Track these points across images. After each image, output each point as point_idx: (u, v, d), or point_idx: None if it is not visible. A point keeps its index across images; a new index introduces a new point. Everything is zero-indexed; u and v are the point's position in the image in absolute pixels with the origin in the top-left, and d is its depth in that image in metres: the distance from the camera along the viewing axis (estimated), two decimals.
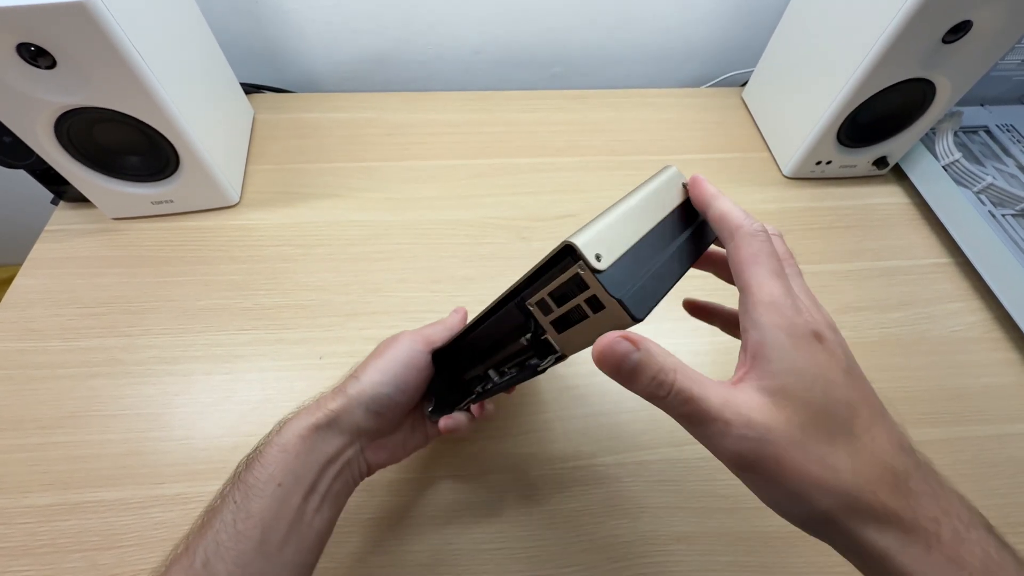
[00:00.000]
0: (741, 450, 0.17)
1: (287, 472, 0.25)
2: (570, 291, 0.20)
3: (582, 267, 0.19)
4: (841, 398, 0.18)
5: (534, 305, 0.22)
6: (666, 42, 0.68)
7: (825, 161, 0.56)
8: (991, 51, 0.46)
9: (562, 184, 0.57)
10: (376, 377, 0.29)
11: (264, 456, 0.26)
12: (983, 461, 0.41)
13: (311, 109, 0.62)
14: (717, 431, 0.17)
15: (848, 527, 0.17)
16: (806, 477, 0.17)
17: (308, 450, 0.26)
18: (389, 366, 0.29)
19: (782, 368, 0.18)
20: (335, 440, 0.27)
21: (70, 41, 0.35)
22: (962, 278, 0.51)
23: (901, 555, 0.17)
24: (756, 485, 0.18)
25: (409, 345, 0.30)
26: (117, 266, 0.47)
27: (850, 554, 0.18)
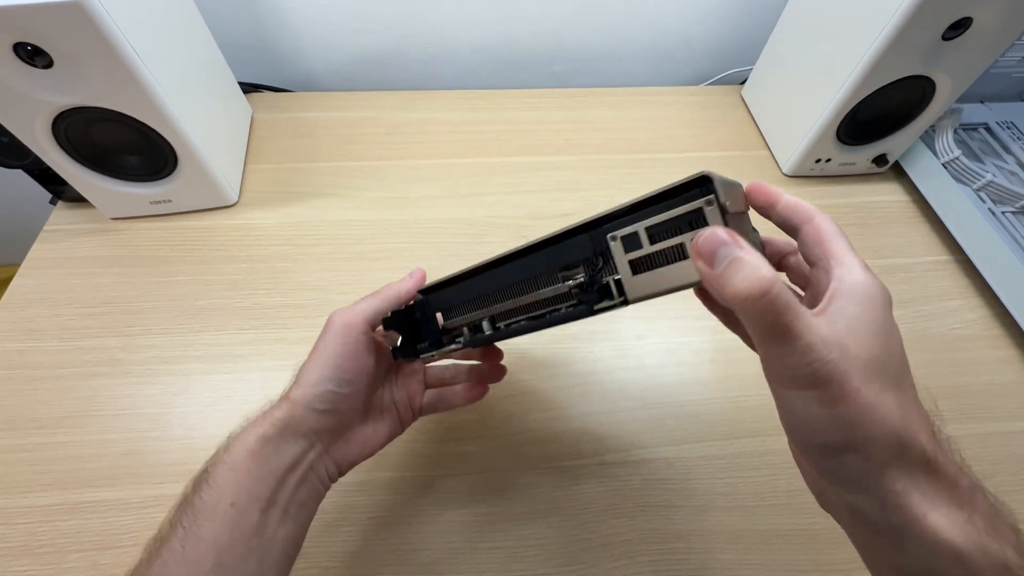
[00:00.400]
0: (817, 370, 0.17)
1: (239, 490, 0.24)
2: (678, 228, 0.18)
3: (711, 202, 0.17)
4: (896, 354, 0.19)
5: (618, 239, 0.19)
6: (665, 40, 0.68)
7: (824, 159, 0.56)
8: (991, 48, 0.45)
9: (561, 183, 0.57)
10: (314, 376, 0.27)
11: (213, 476, 0.24)
12: (984, 459, 0.41)
13: (310, 108, 0.61)
14: (800, 347, 0.17)
15: (884, 461, 0.18)
16: (866, 405, 0.18)
17: (261, 463, 0.25)
18: (324, 361, 0.27)
19: (858, 312, 0.19)
20: (290, 448, 0.26)
21: (67, 40, 0.35)
22: (962, 276, 0.51)
23: (922, 495, 0.18)
24: (813, 404, 0.18)
25: (341, 334, 0.28)
26: (116, 266, 0.47)
27: (867, 495, 0.19)
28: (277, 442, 0.25)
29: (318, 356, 0.27)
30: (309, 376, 0.27)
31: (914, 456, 0.18)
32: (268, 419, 0.26)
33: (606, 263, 0.20)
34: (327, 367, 0.27)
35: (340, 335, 0.28)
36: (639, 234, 0.19)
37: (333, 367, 0.27)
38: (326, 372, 0.27)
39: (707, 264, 0.18)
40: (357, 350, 0.28)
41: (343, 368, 0.27)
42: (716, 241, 0.17)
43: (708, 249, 0.17)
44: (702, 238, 0.18)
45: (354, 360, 0.28)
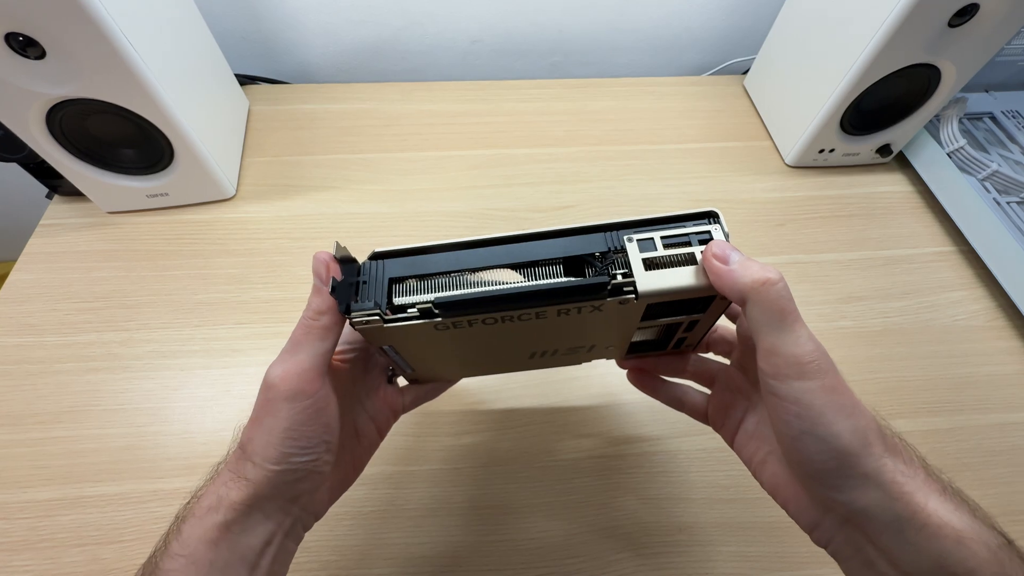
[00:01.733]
0: (817, 358, 0.19)
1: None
2: (687, 242, 0.21)
3: (717, 230, 0.21)
4: None
5: (635, 240, 0.21)
6: (667, 30, 0.67)
7: (828, 149, 0.55)
8: (997, 35, 0.45)
9: (562, 174, 0.56)
10: (269, 453, 0.21)
11: (165, 574, 0.20)
12: (986, 450, 0.41)
13: (307, 100, 0.61)
14: (800, 335, 0.20)
15: (875, 448, 0.19)
16: (852, 398, 0.20)
17: (227, 551, 0.21)
18: (279, 436, 0.21)
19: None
20: (262, 527, 0.22)
21: (59, 30, 0.35)
22: (966, 266, 0.51)
23: (911, 482, 0.19)
24: (808, 393, 0.20)
25: (289, 402, 0.21)
26: (113, 260, 0.47)
27: (862, 487, 0.20)
28: (243, 524, 0.21)
29: (269, 431, 0.21)
30: (264, 453, 0.21)
31: (888, 441, 0.20)
32: (225, 503, 0.21)
33: (618, 259, 0.21)
34: (283, 443, 0.21)
35: (289, 406, 0.21)
36: (655, 240, 0.21)
37: (291, 439, 0.21)
38: (284, 449, 0.21)
39: (721, 262, 0.20)
40: (317, 412, 0.22)
41: (304, 437, 0.22)
42: (728, 247, 0.20)
43: (722, 253, 0.20)
44: (716, 245, 0.20)
45: (314, 424, 0.22)
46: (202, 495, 0.22)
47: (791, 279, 0.54)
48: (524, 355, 0.27)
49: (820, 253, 0.51)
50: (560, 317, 0.22)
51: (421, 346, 0.24)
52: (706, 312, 0.24)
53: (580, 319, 0.22)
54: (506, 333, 0.23)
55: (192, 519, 0.21)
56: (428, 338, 0.23)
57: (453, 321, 0.21)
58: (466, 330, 0.22)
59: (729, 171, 0.57)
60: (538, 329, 0.23)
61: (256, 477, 0.21)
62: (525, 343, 0.25)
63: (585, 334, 0.25)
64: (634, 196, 0.55)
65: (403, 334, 0.22)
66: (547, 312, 0.21)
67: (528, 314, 0.21)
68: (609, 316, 0.22)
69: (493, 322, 0.21)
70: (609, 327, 0.24)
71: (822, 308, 0.47)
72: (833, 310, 0.47)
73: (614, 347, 0.28)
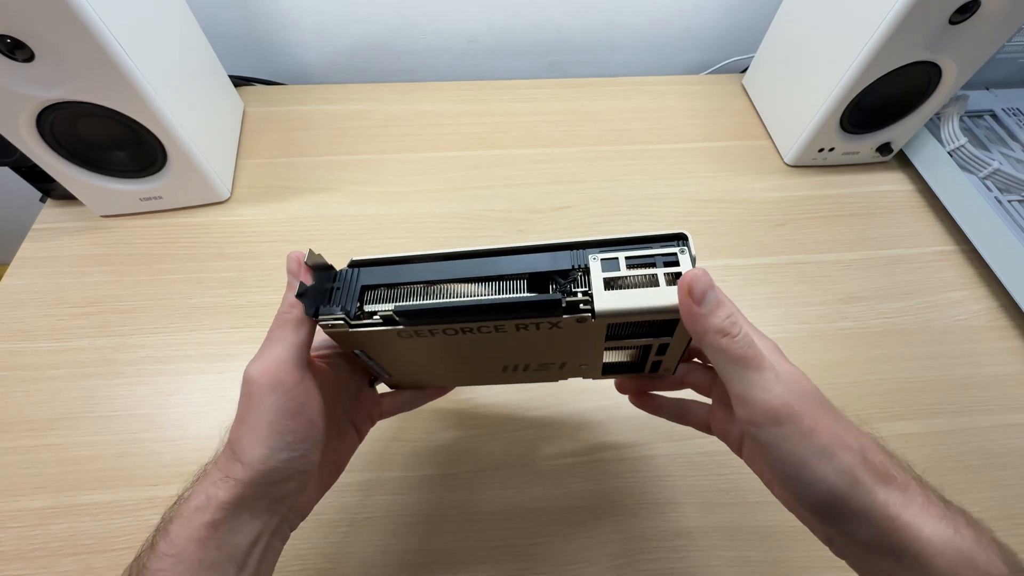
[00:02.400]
0: (787, 400, 0.19)
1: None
2: (652, 264, 0.21)
3: (684, 251, 0.21)
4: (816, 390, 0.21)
5: (599, 259, 0.21)
6: (664, 28, 0.66)
7: (828, 148, 0.55)
8: (999, 32, 0.44)
9: (559, 175, 0.56)
10: (258, 451, 0.21)
11: (153, 573, 0.20)
12: (988, 451, 0.40)
13: (302, 101, 0.60)
14: (767, 379, 0.20)
15: (864, 485, 0.19)
16: (833, 435, 0.19)
17: (215, 550, 0.21)
18: (264, 432, 0.21)
19: (787, 364, 0.21)
20: (249, 526, 0.22)
21: (48, 32, 0.34)
22: (967, 266, 0.50)
23: (906, 511, 0.19)
24: (788, 440, 0.20)
25: (270, 395, 0.22)
26: (107, 264, 0.47)
27: (854, 521, 0.20)
28: (231, 523, 0.21)
29: (254, 427, 0.22)
30: (253, 452, 0.21)
31: (879, 471, 0.20)
32: (213, 503, 0.21)
33: (581, 277, 0.22)
34: (270, 438, 0.21)
35: (271, 398, 0.21)
36: (619, 260, 0.21)
37: (278, 434, 0.22)
38: (272, 443, 0.21)
39: (696, 302, 0.19)
40: (300, 405, 0.22)
41: (290, 431, 0.22)
42: (706, 282, 0.19)
43: (699, 289, 0.19)
44: (692, 276, 0.19)
45: (298, 417, 0.22)
46: (190, 495, 0.22)
47: (791, 279, 0.54)
48: (496, 368, 0.27)
49: (820, 253, 0.51)
50: (520, 332, 0.22)
51: (394, 352, 0.25)
52: (674, 336, 0.23)
53: (543, 335, 0.22)
54: (473, 344, 0.23)
55: (180, 519, 0.21)
56: (398, 345, 0.23)
57: (415, 329, 0.22)
58: (430, 340, 0.22)
59: (728, 171, 0.57)
60: (502, 343, 0.23)
61: (244, 476, 0.21)
62: (494, 356, 0.25)
63: (553, 351, 0.25)
64: (632, 196, 0.54)
65: (371, 339, 0.23)
66: (505, 326, 0.22)
67: (487, 327, 0.21)
68: (572, 334, 0.22)
69: (454, 333, 0.22)
70: (576, 345, 0.24)
71: (822, 309, 0.47)
72: (833, 311, 0.47)
73: (587, 367, 0.27)
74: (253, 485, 0.22)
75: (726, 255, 0.50)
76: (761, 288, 0.48)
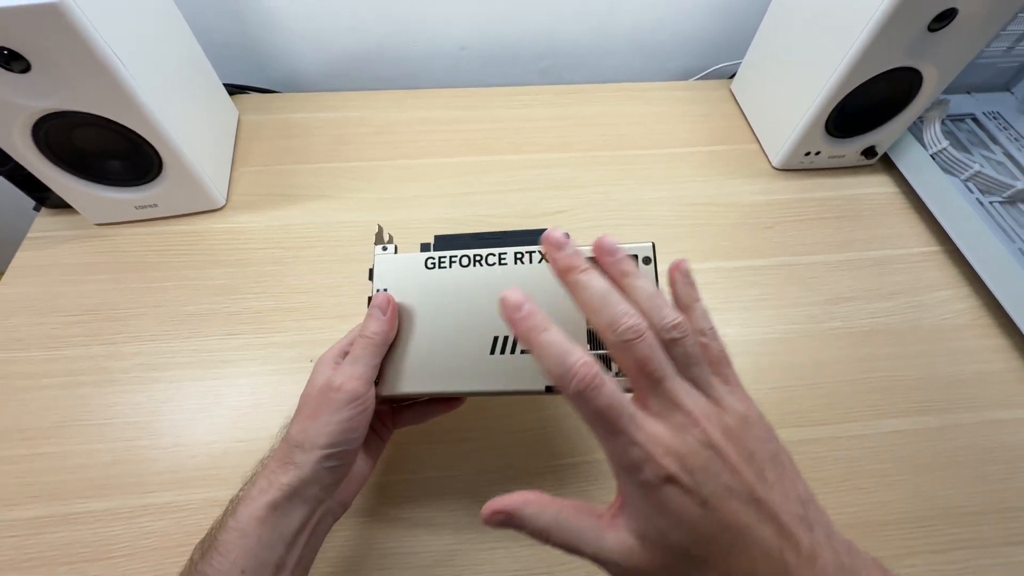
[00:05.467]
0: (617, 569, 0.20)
1: (249, 557, 0.24)
2: None
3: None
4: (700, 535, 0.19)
5: None
6: (654, 35, 0.68)
7: (814, 152, 0.56)
8: (977, 38, 0.46)
9: (553, 180, 0.56)
10: (322, 440, 0.26)
11: (221, 543, 0.24)
12: (977, 448, 0.41)
13: (297, 109, 0.61)
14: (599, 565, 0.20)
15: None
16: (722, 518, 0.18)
17: (270, 529, 0.25)
18: (335, 428, 0.26)
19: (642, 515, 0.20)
20: (299, 512, 0.26)
21: (43, 44, 0.34)
22: (951, 266, 0.51)
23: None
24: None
25: (350, 403, 0.26)
26: (102, 273, 0.47)
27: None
28: (285, 507, 0.25)
29: (326, 423, 0.26)
30: (318, 440, 0.26)
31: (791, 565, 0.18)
32: (275, 485, 0.25)
33: None
34: (338, 432, 0.26)
35: (348, 405, 0.26)
36: None
37: (342, 432, 0.26)
38: (336, 437, 0.26)
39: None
40: (365, 412, 0.27)
41: (352, 430, 0.27)
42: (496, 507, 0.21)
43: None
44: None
45: (362, 422, 0.27)
46: (254, 481, 0.26)
47: (780, 281, 0.54)
48: (486, 343, 0.29)
49: (808, 255, 0.52)
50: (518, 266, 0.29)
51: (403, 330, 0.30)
52: None
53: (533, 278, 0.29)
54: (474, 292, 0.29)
55: (246, 500, 0.25)
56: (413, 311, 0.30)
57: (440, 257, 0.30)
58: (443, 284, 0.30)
59: (718, 174, 0.58)
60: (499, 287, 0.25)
61: (304, 461, 0.26)
62: (488, 317, 0.29)
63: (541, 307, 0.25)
64: (624, 201, 0.55)
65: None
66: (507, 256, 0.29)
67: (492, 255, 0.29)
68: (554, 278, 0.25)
69: (467, 264, 0.30)
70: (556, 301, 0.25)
71: (812, 310, 0.48)
72: (823, 311, 0.48)
73: None
74: (311, 469, 0.25)
75: (716, 258, 0.51)
76: (751, 290, 0.49)
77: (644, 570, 0.19)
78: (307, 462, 0.26)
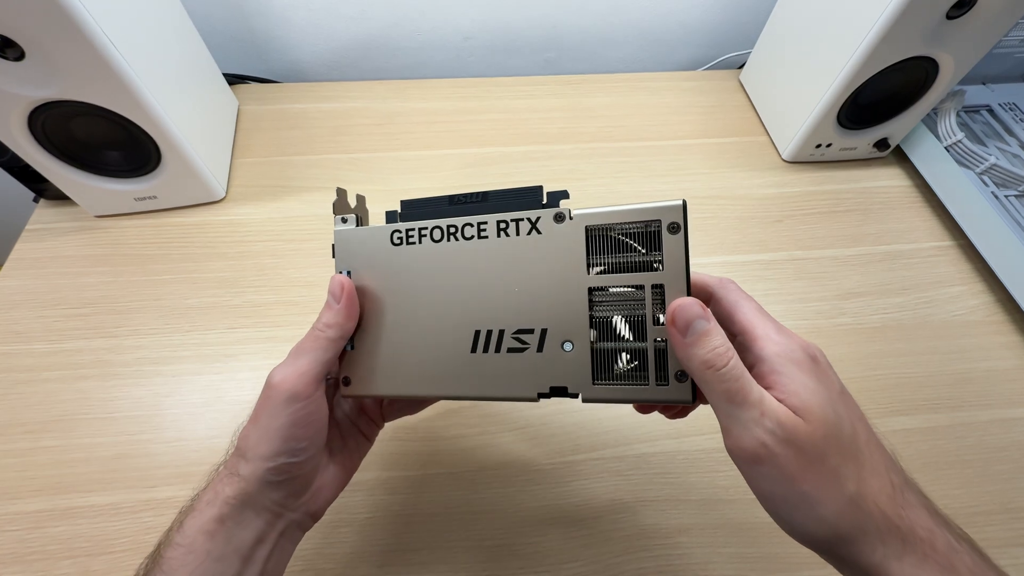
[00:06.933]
0: (767, 441, 0.18)
1: (198, 575, 0.22)
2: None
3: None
4: (845, 415, 0.20)
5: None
6: (661, 24, 0.66)
7: (825, 144, 0.54)
8: (996, 26, 0.44)
9: (557, 172, 0.55)
10: (263, 449, 0.23)
11: (167, 561, 0.22)
12: (987, 446, 0.40)
13: (298, 99, 0.60)
14: (751, 417, 0.19)
15: (848, 535, 0.18)
16: (819, 482, 0.18)
17: (222, 543, 0.22)
18: (274, 435, 0.23)
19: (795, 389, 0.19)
20: (253, 524, 0.23)
21: (38, 30, 0.34)
22: (964, 261, 0.50)
23: (898, 563, 0.18)
24: (767, 480, 0.19)
25: (287, 405, 0.23)
26: (102, 265, 0.46)
27: (842, 566, 0.20)
28: (237, 519, 0.23)
29: (265, 429, 0.23)
30: (258, 450, 0.23)
31: (876, 523, 0.18)
32: (220, 498, 0.23)
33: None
34: (277, 440, 0.23)
35: (287, 406, 0.23)
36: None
37: (284, 439, 0.23)
38: (276, 445, 0.23)
39: (680, 332, 0.20)
40: (309, 415, 0.24)
41: (296, 438, 0.23)
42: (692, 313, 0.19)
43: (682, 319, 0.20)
44: (678, 305, 0.20)
45: (306, 427, 0.24)
46: (202, 493, 0.24)
47: (789, 276, 0.53)
48: (467, 338, 0.24)
49: (818, 249, 0.51)
50: (502, 239, 0.23)
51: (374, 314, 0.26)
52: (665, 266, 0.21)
53: (523, 254, 0.23)
54: (450, 274, 0.24)
55: (193, 512, 0.23)
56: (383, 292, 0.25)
57: (409, 230, 0.25)
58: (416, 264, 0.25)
59: (726, 167, 0.56)
60: (480, 269, 0.24)
61: (248, 473, 0.23)
62: (469, 305, 0.24)
63: (532, 296, 0.23)
64: (629, 193, 0.54)
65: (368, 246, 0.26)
66: (488, 227, 0.24)
67: (471, 226, 0.24)
68: (551, 258, 0.23)
69: (440, 237, 0.24)
70: (557, 287, 0.23)
71: (821, 305, 0.47)
72: (832, 307, 0.47)
73: (573, 347, 0.23)
74: (255, 483, 0.23)
75: (724, 252, 0.50)
76: (759, 284, 0.48)
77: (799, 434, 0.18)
78: (250, 475, 0.23)
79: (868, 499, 0.18)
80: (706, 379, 0.19)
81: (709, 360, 0.19)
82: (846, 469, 0.19)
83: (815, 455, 0.18)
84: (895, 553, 0.18)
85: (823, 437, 0.18)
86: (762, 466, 0.19)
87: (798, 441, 0.18)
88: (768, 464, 0.19)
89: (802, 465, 0.18)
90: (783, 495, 0.19)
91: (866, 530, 0.18)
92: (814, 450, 0.18)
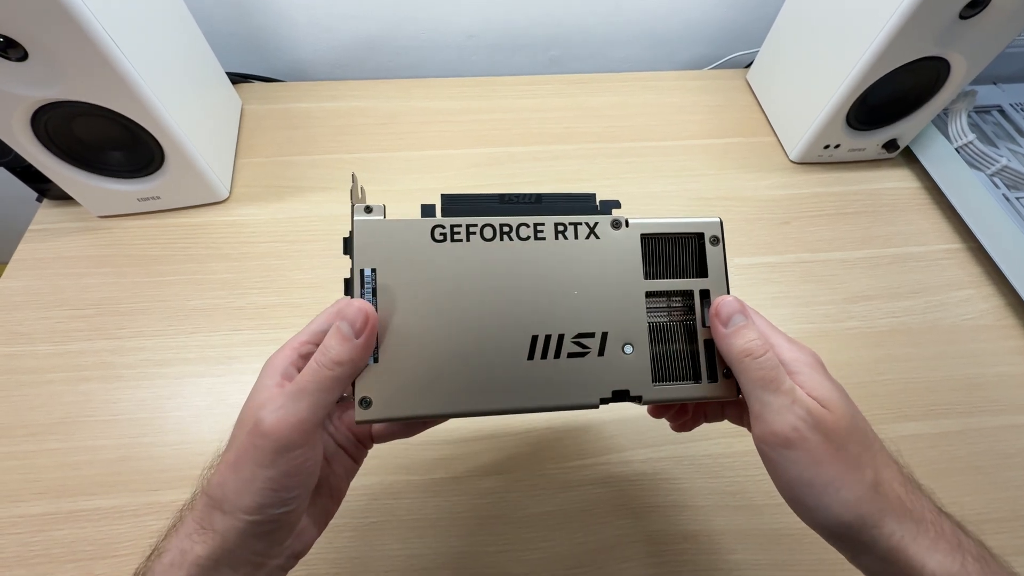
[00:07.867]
0: (798, 426, 0.20)
1: None
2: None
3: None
4: (858, 413, 0.21)
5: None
6: (667, 23, 0.65)
7: (833, 145, 0.54)
8: (1010, 26, 0.43)
9: (562, 172, 0.55)
10: (245, 502, 0.19)
11: None
12: (997, 452, 0.40)
13: (301, 99, 0.60)
14: (784, 404, 0.20)
15: (870, 519, 0.19)
16: (844, 468, 0.20)
17: None
18: (261, 485, 0.19)
19: (815, 385, 0.21)
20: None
21: (41, 31, 0.33)
22: (974, 264, 0.50)
23: (914, 544, 0.19)
24: (795, 465, 0.20)
25: (281, 454, 0.19)
26: (105, 266, 0.46)
27: (861, 551, 0.20)
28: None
29: (249, 480, 0.19)
30: (239, 502, 0.19)
31: (892, 506, 0.20)
32: (189, 559, 0.19)
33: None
34: (265, 492, 0.19)
35: (278, 455, 0.19)
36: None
37: (273, 491, 0.19)
38: (263, 498, 0.19)
39: (722, 323, 0.22)
40: (304, 463, 0.20)
41: (287, 488, 0.20)
42: (734, 308, 0.22)
43: (725, 313, 0.22)
44: (721, 301, 0.22)
45: (299, 475, 0.20)
46: (164, 550, 0.20)
47: (797, 278, 0.53)
48: (523, 344, 0.22)
49: (826, 251, 0.50)
50: (559, 242, 0.23)
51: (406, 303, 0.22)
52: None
53: (580, 258, 0.23)
54: (504, 276, 0.23)
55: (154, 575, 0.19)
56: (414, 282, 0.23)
57: (454, 226, 0.23)
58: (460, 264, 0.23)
59: (732, 168, 0.56)
60: (536, 271, 0.23)
61: (225, 527, 0.19)
62: (525, 309, 0.23)
63: (592, 300, 0.23)
64: (635, 194, 0.54)
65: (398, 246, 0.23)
66: (544, 229, 0.23)
67: (527, 226, 0.23)
68: (608, 263, 0.23)
69: (492, 236, 0.23)
70: (615, 290, 0.24)
71: (828, 308, 0.47)
72: (840, 310, 0.46)
73: (633, 350, 0.23)
74: (235, 538, 0.19)
75: (730, 254, 0.49)
76: (766, 287, 0.48)
77: (826, 422, 0.20)
78: (229, 529, 0.19)
79: (885, 484, 0.20)
80: (744, 367, 0.21)
81: (748, 349, 0.21)
82: (865, 457, 0.20)
83: (840, 443, 0.20)
84: (911, 534, 0.19)
85: (846, 428, 0.20)
86: (793, 450, 0.20)
87: (826, 428, 0.20)
88: (799, 448, 0.20)
89: (829, 451, 0.19)
90: (810, 479, 0.20)
91: (885, 513, 0.19)
92: (839, 438, 0.20)
